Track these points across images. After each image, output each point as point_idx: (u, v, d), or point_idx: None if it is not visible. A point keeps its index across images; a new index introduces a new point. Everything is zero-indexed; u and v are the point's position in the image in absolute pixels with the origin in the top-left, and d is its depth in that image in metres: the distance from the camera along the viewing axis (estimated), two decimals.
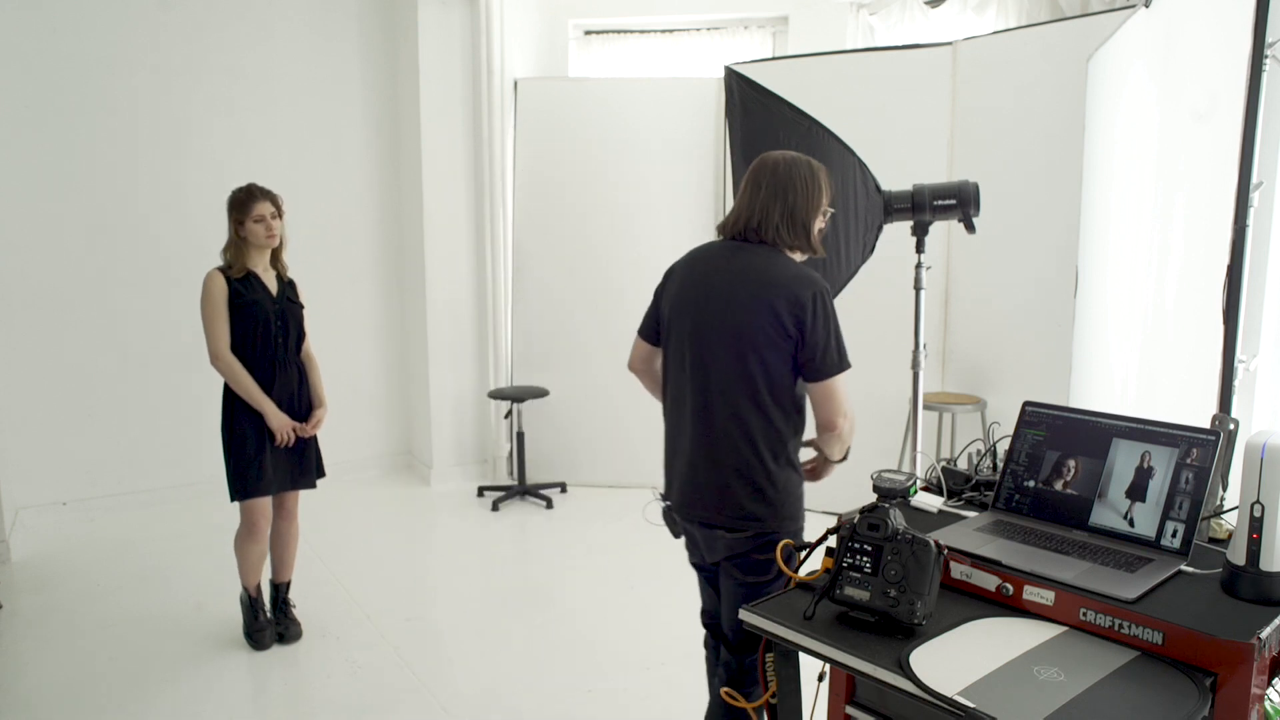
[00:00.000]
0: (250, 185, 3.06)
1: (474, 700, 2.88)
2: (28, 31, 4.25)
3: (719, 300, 2.00)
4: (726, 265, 2.03)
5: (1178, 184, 3.51)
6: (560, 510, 4.79)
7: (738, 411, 1.97)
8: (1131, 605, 1.40)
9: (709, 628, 2.24)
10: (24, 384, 4.38)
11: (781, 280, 1.95)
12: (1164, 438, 1.65)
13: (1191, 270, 3.45)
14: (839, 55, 4.55)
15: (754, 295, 1.95)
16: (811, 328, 1.92)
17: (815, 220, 2.06)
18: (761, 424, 1.97)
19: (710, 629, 2.23)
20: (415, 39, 4.85)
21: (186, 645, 3.23)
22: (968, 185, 2.70)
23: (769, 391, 1.96)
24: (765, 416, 1.97)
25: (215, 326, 3.00)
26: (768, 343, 1.94)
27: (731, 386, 1.98)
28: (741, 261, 2.02)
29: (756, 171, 2.07)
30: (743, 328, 1.96)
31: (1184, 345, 3.46)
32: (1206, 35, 3.26)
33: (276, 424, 3.03)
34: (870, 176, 2.68)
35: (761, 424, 1.97)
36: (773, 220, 2.01)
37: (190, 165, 4.65)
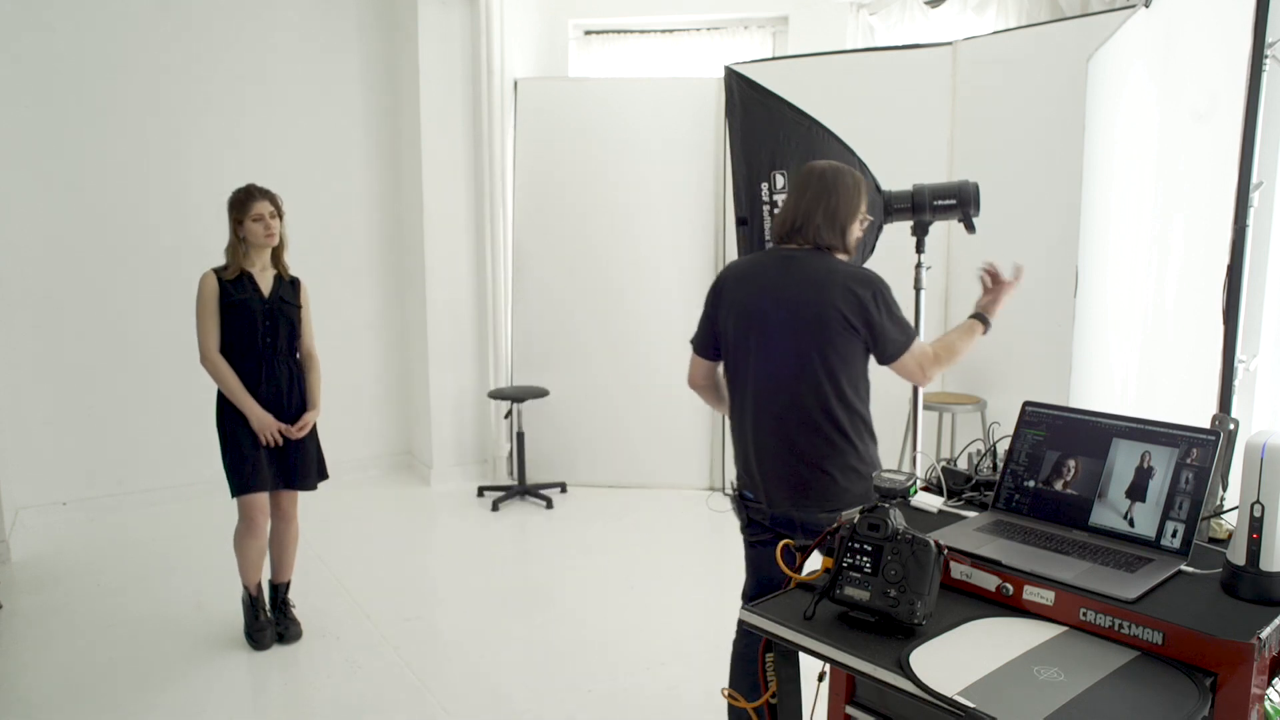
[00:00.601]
0: (249, 185, 3.07)
1: (474, 700, 2.88)
2: (28, 32, 4.25)
3: (788, 308, 2.14)
4: (785, 274, 2.17)
5: (1178, 184, 3.50)
6: (560, 510, 4.79)
7: (826, 407, 2.13)
8: (1131, 605, 1.39)
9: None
10: (24, 384, 4.38)
11: (840, 283, 2.11)
12: (1164, 438, 1.65)
13: (1191, 270, 3.45)
14: (839, 55, 4.55)
15: (821, 300, 2.11)
16: (879, 322, 2.11)
17: (853, 225, 2.20)
18: (847, 414, 2.15)
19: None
20: (415, 39, 4.85)
21: (186, 645, 3.23)
22: (968, 185, 2.70)
23: (849, 383, 2.15)
24: (848, 406, 2.15)
25: (203, 326, 3.03)
26: (843, 341, 2.11)
27: (818, 386, 2.13)
28: (799, 269, 2.16)
29: (804, 177, 2.20)
30: (818, 330, 2.11)
31: (1184, 345, 3.46)
32: (1206, 35, 3.26)
33: (257, 425, 3.03)
34: (870, 176, 2.68)
35: (847, 414, 2.15)
36: (814, 221, 2.15)
37: (190, 165, 4.65)
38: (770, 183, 2.59)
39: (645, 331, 5.03)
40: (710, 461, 5.14)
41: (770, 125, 2.63)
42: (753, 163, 2.55)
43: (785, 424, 2.16)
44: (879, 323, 2.11)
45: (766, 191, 2.58)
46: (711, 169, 4.86)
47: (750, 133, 2.62)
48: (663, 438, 5.12)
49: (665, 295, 4.99)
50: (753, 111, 2.61)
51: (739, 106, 2.56)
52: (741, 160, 2.57)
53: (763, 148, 2.56)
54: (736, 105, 2.56)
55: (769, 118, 2.64)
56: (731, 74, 2.74)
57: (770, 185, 2.60)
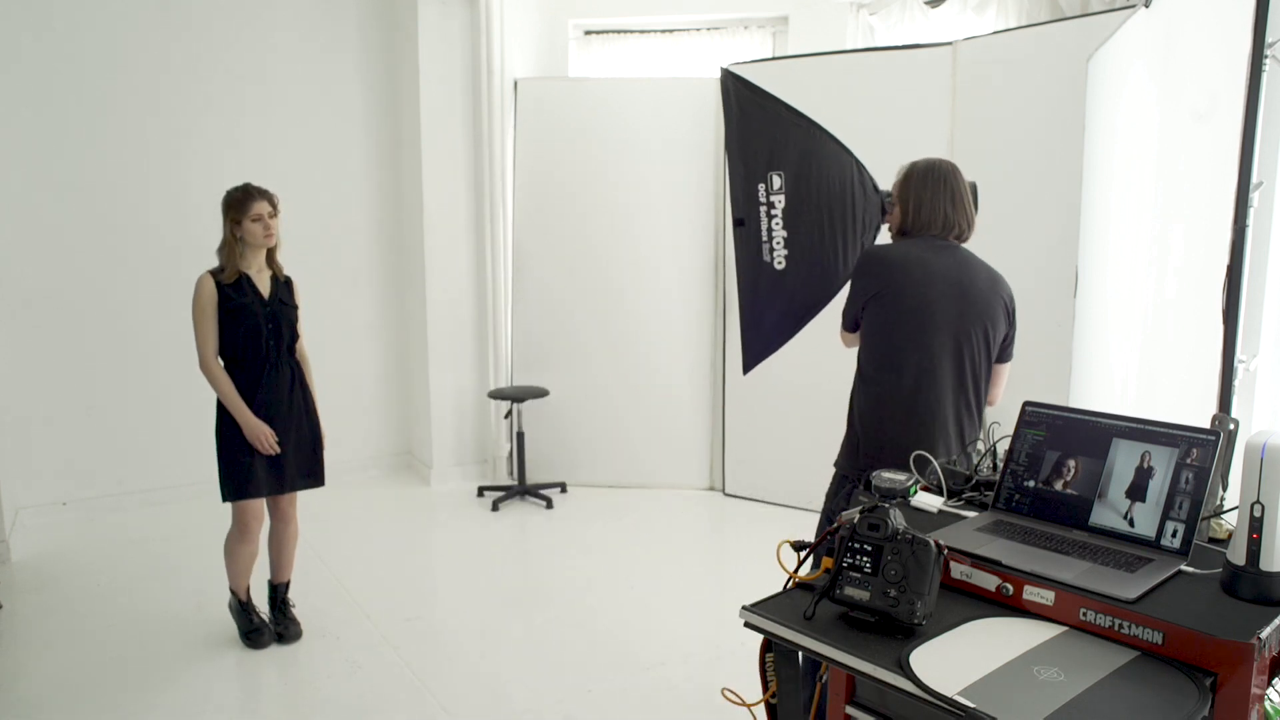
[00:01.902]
0: (247, 185, 3.06)
1: (474, 700, 2.88)
2: (28, 32, 4.25)
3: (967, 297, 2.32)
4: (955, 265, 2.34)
5: (1178, 184, 3.50)
6: (560, 510, 4.79)
7: (980, 388, 2.39)
8: (1131, 605, 1.39)
9: None
10: (24, 384, 4.38)
11: (1001, 280, 2.38)
12: (1164, 438, 1.65)
13: (1191, 270, 3.44)
14: (839, 55, 4.55)
15: (993, 292, 2.35)
16: (1014, 320, 2.40)
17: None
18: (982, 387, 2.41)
19: None
20: (415, 39, 4.85)
21: (187, 645, 3.23)
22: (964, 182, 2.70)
23: (987, 364, 2.40)
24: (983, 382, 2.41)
25: (201, 332, 3.02)
26: (996, 328, 2.36)
27: (978, 370, 2.37)
28: (966, 261, 2.36)
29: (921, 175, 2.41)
30: (986, 315, 2.34)
31: (1184, 345, 3.46)
32: (1206, 35, 3.26)
33: (250, 434, 3.02)
34: (868, 176, 2.71)
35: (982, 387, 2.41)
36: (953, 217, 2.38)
37: (190, 165, 4.65)
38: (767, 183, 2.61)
39: (645, 331, 5.04)
40: (710, 461, 5.14)
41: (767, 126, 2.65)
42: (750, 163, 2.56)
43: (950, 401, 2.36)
44: (1014, 321, 2.40)
45: (764, 192, 2.60)
46: (711, 169, 4.86)
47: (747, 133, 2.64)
48: (663, 438, 5.12)
49: (665, 295, 4.99)
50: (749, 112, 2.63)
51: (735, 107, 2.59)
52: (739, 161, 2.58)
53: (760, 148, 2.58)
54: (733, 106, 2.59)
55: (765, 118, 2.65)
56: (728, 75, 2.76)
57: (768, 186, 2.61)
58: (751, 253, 2.63)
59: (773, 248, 2.64)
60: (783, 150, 2.69)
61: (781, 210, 2.63)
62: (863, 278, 2.38)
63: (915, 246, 2.37)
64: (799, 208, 2.62)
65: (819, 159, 2.67)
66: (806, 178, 2.64)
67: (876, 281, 2.35)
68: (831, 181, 2.66)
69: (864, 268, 2.39)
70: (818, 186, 2.65)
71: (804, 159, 2.66)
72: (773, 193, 2.65)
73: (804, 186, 2.62)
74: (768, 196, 2.65)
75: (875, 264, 2.38)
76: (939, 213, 2.35)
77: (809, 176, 2.65)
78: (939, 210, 2.35)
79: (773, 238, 2.63)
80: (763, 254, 2.62)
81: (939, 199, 2.35)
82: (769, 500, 4.84)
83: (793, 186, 2.62)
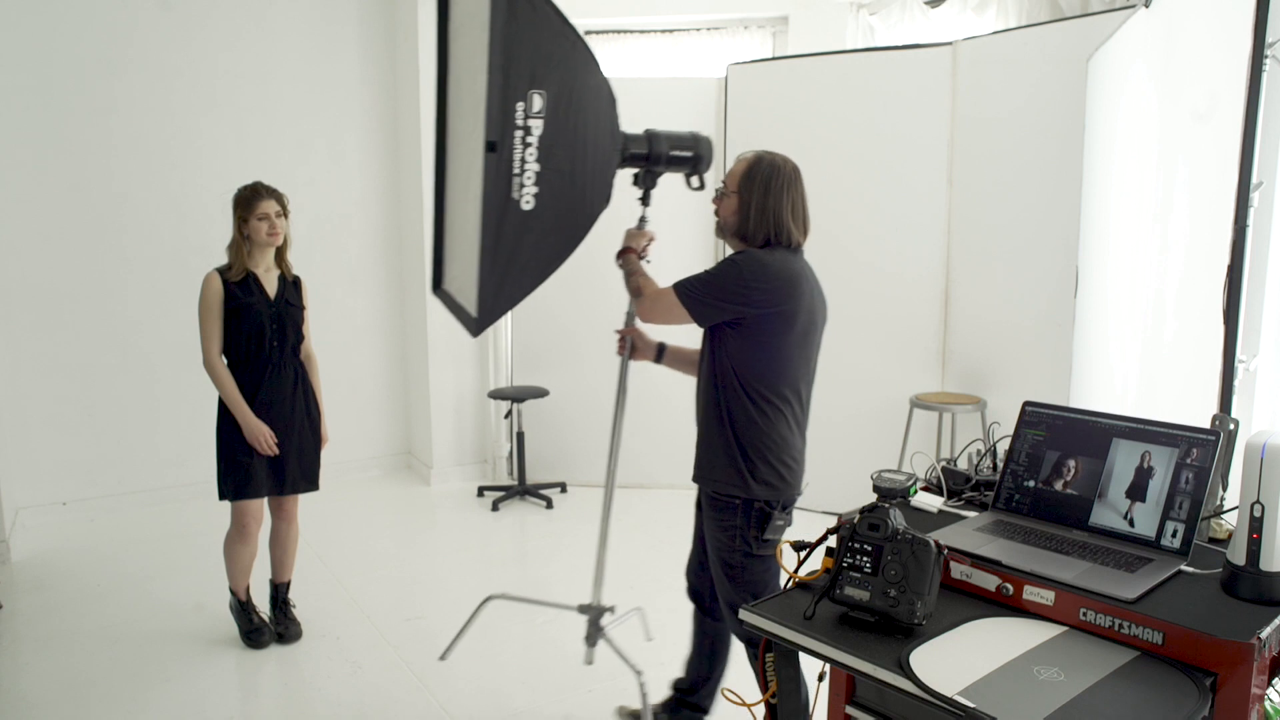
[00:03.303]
0: (256, 183, 3.05)
1: (474, 700, 2.88)
2: (29, 32, 4.25)
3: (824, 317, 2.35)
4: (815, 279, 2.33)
5: (1178, 184, 3.50)
6: (560, 510, 4.79)
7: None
8: (1131, 605, 1.40)
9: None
10: (24, 384, 4.38)
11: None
12: (1164, 438, 1.65)
13: (1192, 270, 3.45)
14: (839, 55, 4.55)
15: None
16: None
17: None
18: None
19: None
20: (415, 39, 4.85)
21: (186, 645, 3.23)
22: (702, 138, 2.56)
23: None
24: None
25: (206, 330, 3.01)
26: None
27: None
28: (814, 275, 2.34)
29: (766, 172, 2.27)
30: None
31: (1184, 345, 3.46)
32: (1206, 35, 3.26)
33: (250, 434, 3.01)
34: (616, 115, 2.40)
35: None
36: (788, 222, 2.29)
37: (190, 165, 4.65)
38: (527, 103, 2.14)
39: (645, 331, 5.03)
40: None
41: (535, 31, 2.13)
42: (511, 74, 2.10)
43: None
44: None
45: (521, 113, 2.14)
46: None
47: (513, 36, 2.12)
48: (663, 438, 5.12)
49: None
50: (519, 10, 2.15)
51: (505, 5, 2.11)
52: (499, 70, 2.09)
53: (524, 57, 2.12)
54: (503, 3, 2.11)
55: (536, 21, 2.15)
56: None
57: (527, 106, 2.14)
58: (501, 186, 2.15)
59: (523, 183, 2.17)
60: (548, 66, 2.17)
61: (538, 138, 2.17)
62: (761, 289, 2.17)
63: (796, 261, 2.26)
64: (555, 139, 2.19)
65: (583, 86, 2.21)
66: (568, 105, 2.21)
67: (777, 297, 2.18)
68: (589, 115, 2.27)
69: (760, 277, 2.17)
70: (579, 118, 2.25)
71: (569, 81, 2.21)
72: (531, 115, 2.15)
73: (564, 114, 2.20)
74: (525, 119, 2.14)
75: (774, 279, 2.18)
76: (787, 223, 2.25)
77: (571, 104, 2.22)
78: (786, 219, 2.25)
79: (525, 170, 2.16)
80: (512, 189, 2.17)
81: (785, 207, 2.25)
82: None
83: (552, 111, 2.17)
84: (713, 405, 2.26)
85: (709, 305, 2.21)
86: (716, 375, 2.26)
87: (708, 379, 2.29)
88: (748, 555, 2.27)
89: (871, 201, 4.44)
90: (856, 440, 4.54)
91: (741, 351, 2.20)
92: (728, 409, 2.23)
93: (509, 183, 2.16)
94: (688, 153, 2.48)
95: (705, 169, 2.53)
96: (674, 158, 2.47)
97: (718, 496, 2.28)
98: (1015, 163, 4.00)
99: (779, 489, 2.27)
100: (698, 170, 2.52)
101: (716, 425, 2.25)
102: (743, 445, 2.22)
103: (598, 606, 2.66)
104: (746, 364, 2.21)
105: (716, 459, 2.26)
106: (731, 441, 2.23)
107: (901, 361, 4.47)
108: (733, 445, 2.23)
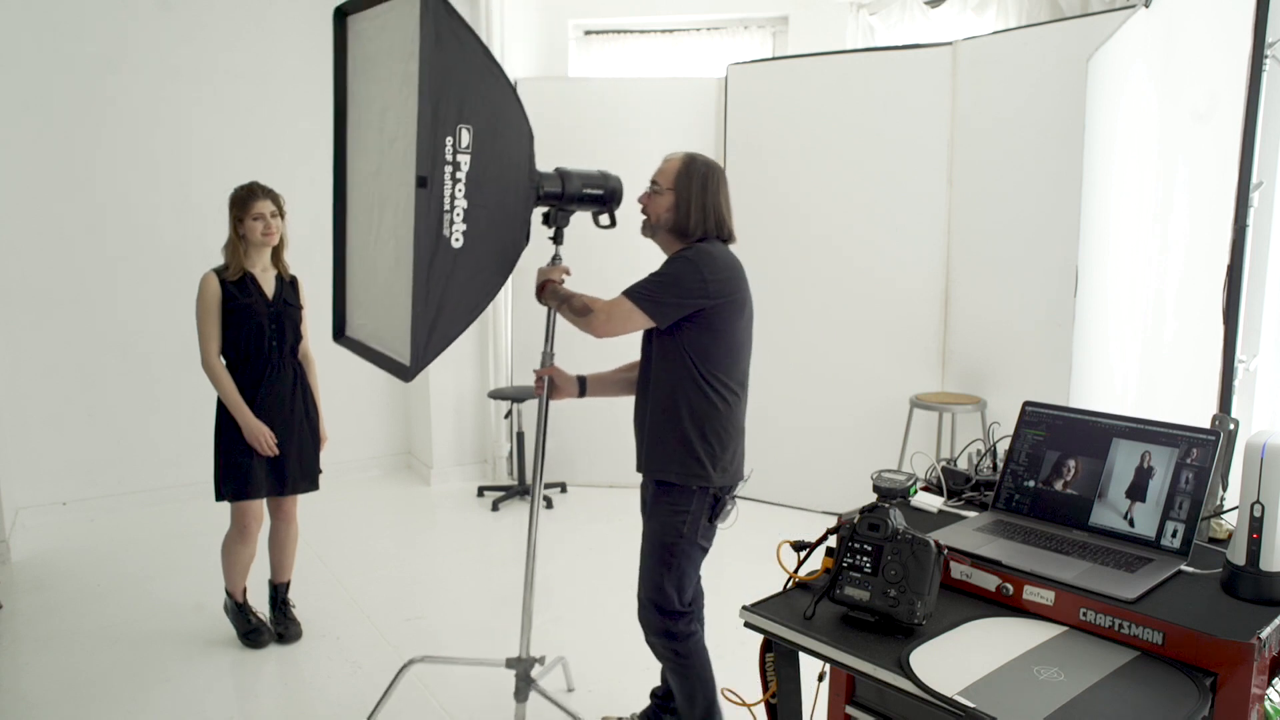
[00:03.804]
0: (252, 183, 3.06)
1: (474, 700, 2.88)
2: (29, 32, 4.25)
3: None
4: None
5: (1178, 184, 3.50)
6: (560, 510, 4.79)
7: None
8: (1131, 605, 1.40)
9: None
10: (24, 384, 4.39)
11: None
12: (1164, 438, 1.65)
13: (1192, 270, 3.44)
14: (839, 55, 4.55)
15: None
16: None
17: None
18: None
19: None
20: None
21: (186, 645, 3.23)
22: (611, 176, 2.58)
23: None
24: None
25: (204, 330, 3.01)
26: None
27: None
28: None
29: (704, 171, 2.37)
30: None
31: (1184, 345, 3.46)
32: (1206, 35, 3.25)
33: (250, 434, 3.01)
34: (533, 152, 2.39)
35: None
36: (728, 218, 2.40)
37: (190, 165, 4.65)
38: (455, 138, 2.11)
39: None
40: None
41: (463, 65, 2.09)
42: (440, 108, 2.07)
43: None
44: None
45: (451, 148, 2.10)
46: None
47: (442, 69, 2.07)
48: None
49: None
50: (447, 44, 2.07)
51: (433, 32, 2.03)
52: (429, 102, 2.04)
53: (453, 92, 2.09)
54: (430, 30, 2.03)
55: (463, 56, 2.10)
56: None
57: (455, 141, 2.11)
58: (432, 224, 2.09)
59: (453, 220, 2.13)
60: (476, 100, 2.14)
61: (466, 174, 2.14)
62: (716, 281, 2.23)
63: (731, 254, 2.35)
64: (482, 175, 2.16)
65: (506, 122, 2.20)
66: (493, 140, 2.19)
67: (729, 287, 2.26)
68: (511, 151, 2.26)
69: (713, 269, 2.24)
70: (503, 154, 2.24)
71: (493, 116, 2.18)
72: (460, 150, 2.11)
73: (489, 150, 2.18)
74: (454, 155, 2.10)
75: (725, 270, 2.26)
76: (726, 218, 2.36)
77: (495, 139, 2.20)
78: (725, 215, 2.36)
79: (455, 207, 2.13)
80: (443, 226, 2.11)
81: (722, 203, 2.36)
82: (769, 500, 4.84)
83: (479, 147, 2.15)
84: (668, 400, 2.31)
85: (668, 304, 2.25)
86: (670, 371, 2.30)
87: (662, 377, 2.33)
88: (691, 542, 2.34)
89: (871, 200, 4.44)
90: (856, 440, 4.54)
91: (700, 343, 2.27)
92: (687, 401, 2.29)
93: (440, 220, 2.10)
94: (598, 190, 2.50)
95: (616, 206, 2.53)
96: (586, 196, 2.47)
97: (674, 483, 2.33)
98: (1015, 163, 4.00)
99: (733, 475, 2.35)
100: (607, 208, 2.52)
101: (674, 419, 2.30)
102: (705, 434, 2.28)
103: (526, 659, 2.56)
104: (705, 355, 2.27)
105: (674, 450, 2.31)
106: (692, 432, 2.28)
107: (901, 361, 4.47)
108: (693, 435, 2.28)
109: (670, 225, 2.35)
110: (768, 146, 4.69)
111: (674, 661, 2.39)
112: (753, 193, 4.76)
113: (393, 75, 2.20)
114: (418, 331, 2.10)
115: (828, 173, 4.54)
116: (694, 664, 2.39)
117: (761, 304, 5.01)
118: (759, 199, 4.73)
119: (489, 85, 2.15)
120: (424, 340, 2.12)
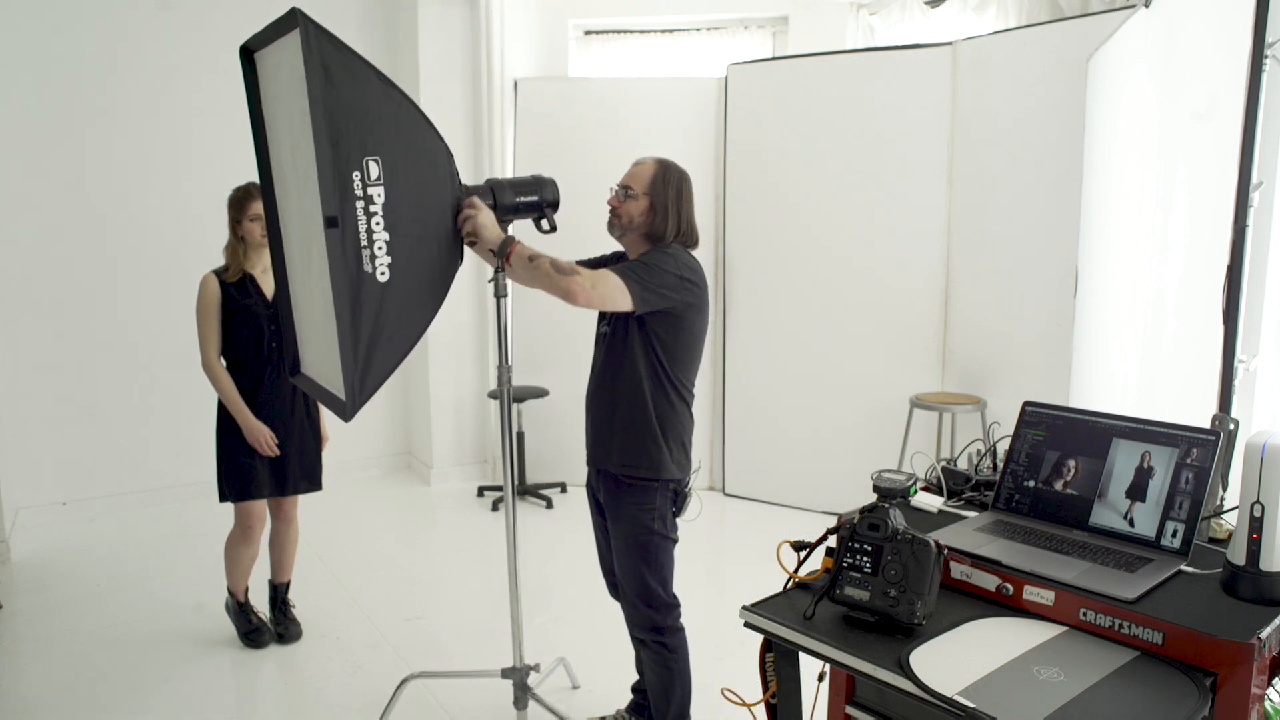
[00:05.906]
0: (250, 184, 3.05)
1: (475, 700, 2.88)
2: (28, 31, 4.25)
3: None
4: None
5: (1178, 184, 3.51)
6: (560, 510, 4.79)
7: None
8: (1131, 605, 1.40)
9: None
10: (24, 384, 4.38)
11: None
12: (1164, 438, 1.65)
13: (1192, 270, 3.45)
14: (839, 55, 4.55)
15: None
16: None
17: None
18: None
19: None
20: (415, 39, 4.85)
21: (186, 645, 3.23)
22: (545, 179, 2.51)
23: None
24: None
25: (204, 332, 3.01)
26: None
27: None
28: None
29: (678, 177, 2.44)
30: None
31: (1184, 345, 3.46)
32: (1206, 35, 3.26)
33: (250, 435, 3.01)
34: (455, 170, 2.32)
35: None
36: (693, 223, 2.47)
37: (190, 165, 4.65)
38: (364, 172, 2.04)
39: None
40: (710, 461, 5.14)
41: (359, 96, 2.02)
42: (341, 144, 2.00)
43: None
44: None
45: (360, 183, 2.03)
46: (711, 169, 4.86)
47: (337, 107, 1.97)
48: None
49: None
50: (336, 77, 1.97)
51: (320, 67, 1.90)
52: (326, 140, 1.96)
53: (352, 126, 2.02)
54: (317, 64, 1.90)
55: (356, 86, 2.02)
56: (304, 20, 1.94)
57: (364, 175, 2.04)
58: (349, 262, 2.03)
59: (374, 254, 2.08)
60: (380, 130, 2.07)
61: (382, 206, 2.07)
62: (690, 282, 2.31)
63: (698, 261, 2.40)
64: (400, 203, 2.11)
65: (418, 145, 2.15)
66: (406, 166, 2.14)
67: (700, 293, 2.34)
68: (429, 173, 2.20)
69: (690, 271, 2.32)
70: (420, 178, 2.18)
71: (402, 142, 2.13)
72: (370, 184, 2.05)
73: (404, 177, 2.12)
74: (364, 189, 2.04)
75: (697, 275, 2.34)
76: (694, 225, 2.44)
77: (409, 164, 2.15)
78: (694, 222, 2.44)
79: (374, 241, 2.07)
80: (363, 262, 2.06)
81: (692, 210, 2.43)
82: (769, 500, 4.84)
83: (391, 176, 2.09)
84: (636, 395, 2.34)
85: (652, 292, 2.26)
86: (639, 367, 2.33)
87: (629, 371, 2.35)
88: (664, 536, 2.39)
89: (871, 200, 4.44)
90: (856, 440, 4.54)
91: (666, 344, 2.32)
92: (652, 398, 2.34)
93: (358, 256, 2.04)
94: (533, 197, 2.45)
95: (554, 210, 2.49)
96: (521, 205, 2.43)
97: (637, 480, 2.36)
98: (1015, 162, 4.00)
99: (687, 469, 2.43)
100: (545, 213, 2.48)
101: (640, 414, 2.34)
102: (664, 431, 2.35)
103: (521, 668, 2.55)
104: (672, 356, 2.33)
105: (637, 445, 2.35)
106: (655, 428, 2.34)
107: (901, 361, 4.47)
108: (656, 432, 2.34)
109: (645, 230, 2.41)
110: (767, 146, 4.69)
111: (663, 656, 2.41)
112: (753, 193, 4.76)
113: (293, 114, 2.11)
114: (348, 372, 2.07)
115: (828, 172, 4.54)
116: (679, 659, 2.44)
117: (761, 304, 5.02)
118: (759, 199, 4.73)
119: (391, 111, 2.09)
120: (357, 379, 2.09)
